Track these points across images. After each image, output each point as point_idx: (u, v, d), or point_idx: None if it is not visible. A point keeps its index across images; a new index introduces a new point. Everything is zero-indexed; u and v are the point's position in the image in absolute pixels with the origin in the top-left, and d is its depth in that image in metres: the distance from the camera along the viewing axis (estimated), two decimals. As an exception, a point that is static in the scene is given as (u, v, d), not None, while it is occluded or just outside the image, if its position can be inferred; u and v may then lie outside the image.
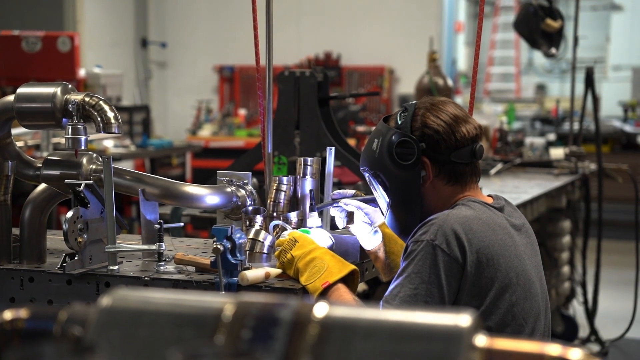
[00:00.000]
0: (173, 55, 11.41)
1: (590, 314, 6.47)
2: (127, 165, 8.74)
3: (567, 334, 6.45)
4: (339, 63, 10.59)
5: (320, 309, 1.14)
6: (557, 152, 6.68)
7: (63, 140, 2.69)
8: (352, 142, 6.67)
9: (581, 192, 6.47)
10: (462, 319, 1.10)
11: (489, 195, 2.54)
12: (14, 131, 6.26)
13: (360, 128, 6.88)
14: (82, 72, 7.50)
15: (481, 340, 1.10)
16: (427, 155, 2.41)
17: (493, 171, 6.09)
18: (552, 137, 8.60)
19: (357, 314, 1.14)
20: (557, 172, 6.24)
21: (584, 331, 6.55)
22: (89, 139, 2.67)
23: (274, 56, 3.07)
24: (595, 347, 6.45)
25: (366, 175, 2.52)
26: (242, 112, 10.12)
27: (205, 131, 9.53)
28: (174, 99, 11.32)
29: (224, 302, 1.16)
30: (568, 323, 6.52)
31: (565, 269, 6.55)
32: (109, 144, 7.14)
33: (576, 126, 7.00)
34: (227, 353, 1.00)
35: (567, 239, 6.48)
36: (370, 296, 4.58)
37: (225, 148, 8.68)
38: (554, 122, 10.71)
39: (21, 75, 6.84)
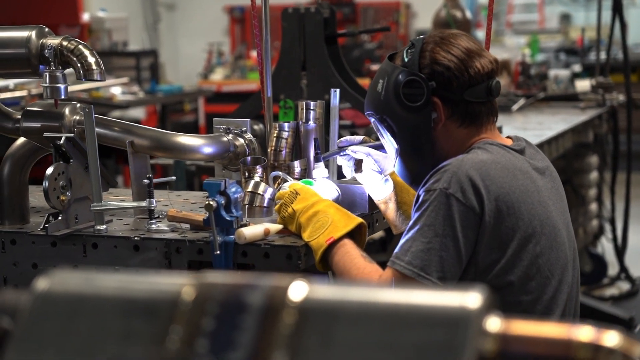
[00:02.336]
0: (182, -3, 11.12)
1: (620, 251, 6.28)
2: (137, 113, 8.54)
3: (595, 273, 6.29)
4: (353, -1, 10.27)
5: (297, 291, 0.92)
6: (583, 84, 6.40)
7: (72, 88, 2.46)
8: (367, 82, 6.42)
9: (609, 125, 6.22)
10: (470, 299, 0.89)
11: (507, 137, 2.30)
12: (18, 80, 6.09)
13: (376, 67, 6.59)
14: (85, 17, 7.25)
15: (494, 323, 0.89)
16: (437, 95, 2.18)
17: (515, 107, 5.83)
18: (577, 68, 8.29)
19: (342, 296, 0.93)
20: (584, 106, 5.98)
21: (613, 269, 6.38)
22: (97, 86, 2.45)
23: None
24: (626, 285, 6.28)
25: (372, 120, 2.30)
26: (255, 54, 9.82)
27: (217, 75, 9.26)
28: (184, 43, 11.04)
29: (182, 285, 0.95)
30: (597, 262, 6.35)
31: (593, 206, 6.36)
32: (116, 91, 6.92)
33: (603, 55, 6.69)
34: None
35: (594, 175, 6.26)
36: (387, 243, 4.38)
37: (238, 92, 8.40)
38: (579, 52, 10.37)
39: (20, 21, 6.60)
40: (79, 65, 2.40)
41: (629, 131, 6.19)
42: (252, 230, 2.19)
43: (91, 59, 2.42)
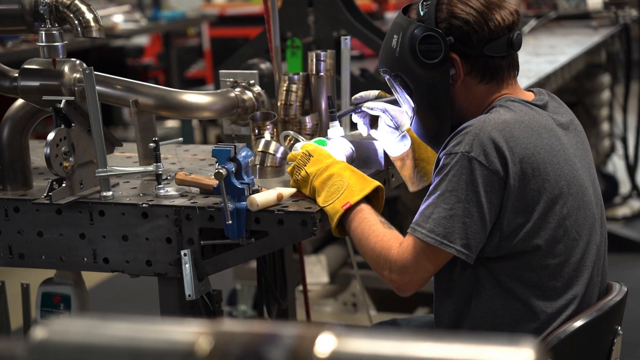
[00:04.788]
0: None
1: (632, 168, 6.20)
2: (141, 41, 8.37)
3: (607, 192, 6.22)
4: None
5: (325, 344, 0.83)
6: (594, 2, 6.21)
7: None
8: (372, 5, 6.25)
9: (621, 40, 6.05)
10: (522, 355, 0.80)
11: (529, 90, 2.18)
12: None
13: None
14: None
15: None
16: (456, 51, 2.05)
17: (526, 29, 5.65)
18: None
19: (375, 350, 0.83)
20: (596, 24, 5.81)
21: (625, 187, 6.32)
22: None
23: None
24: (637, 204, 6.23)
25: (386, 77, 2.18)
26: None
27: (220, -3, 9.04)
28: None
29: (196, 335, 0.86)
30: (608, 181, 6.29)
31: (605, 126, 6.25)
32: (118, 19, 6.76)
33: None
34: None
35: (606, 95, 6.14)
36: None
37: (242, 15, 8.19)
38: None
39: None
40: (76, 22, 2.28)
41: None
42: (265, 197, 2.10)
43: (89, 15, 2.29)
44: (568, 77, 4.89)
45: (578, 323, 2.03)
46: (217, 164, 2.06)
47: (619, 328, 2.16)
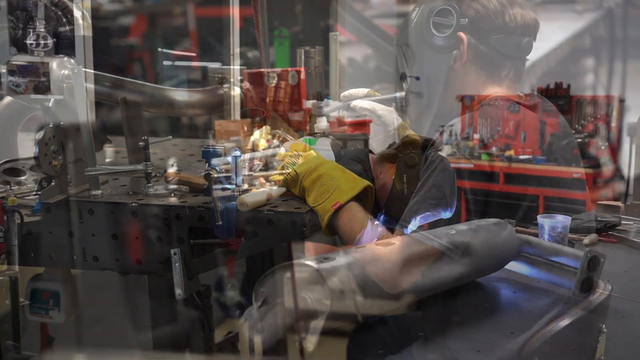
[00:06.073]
0: None
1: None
2: (126, 21, 8.28)
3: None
4: None
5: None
6: (580, -15, 6.22)
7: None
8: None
9: (606, 24, 6.07)
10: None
11: (525, 95, 2.21)
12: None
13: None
14: None
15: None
16: (466, 32, 2.07)
17: (512, 12, 5.65)
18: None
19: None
20: (581, 8, 5.82)
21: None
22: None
23: None
24: (619, 186, 6.25)
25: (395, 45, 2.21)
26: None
27: (205, -25, 8.95)
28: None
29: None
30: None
31: (588, 109, 6.27)
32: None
33: None
34: None
35: (590, 78, 6.15)
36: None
37: (227, -6, 8.11)
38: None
39: None
40: (64, 19, 2.27)
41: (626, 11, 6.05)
42: (254, 198, 2.11)
43: (77, 13, 2.28)
44: (553, 63, 4.91)
45: (564, 322, 2.05)
46: (207, 165, 2.07)
47: (603, 326, 2.18)
